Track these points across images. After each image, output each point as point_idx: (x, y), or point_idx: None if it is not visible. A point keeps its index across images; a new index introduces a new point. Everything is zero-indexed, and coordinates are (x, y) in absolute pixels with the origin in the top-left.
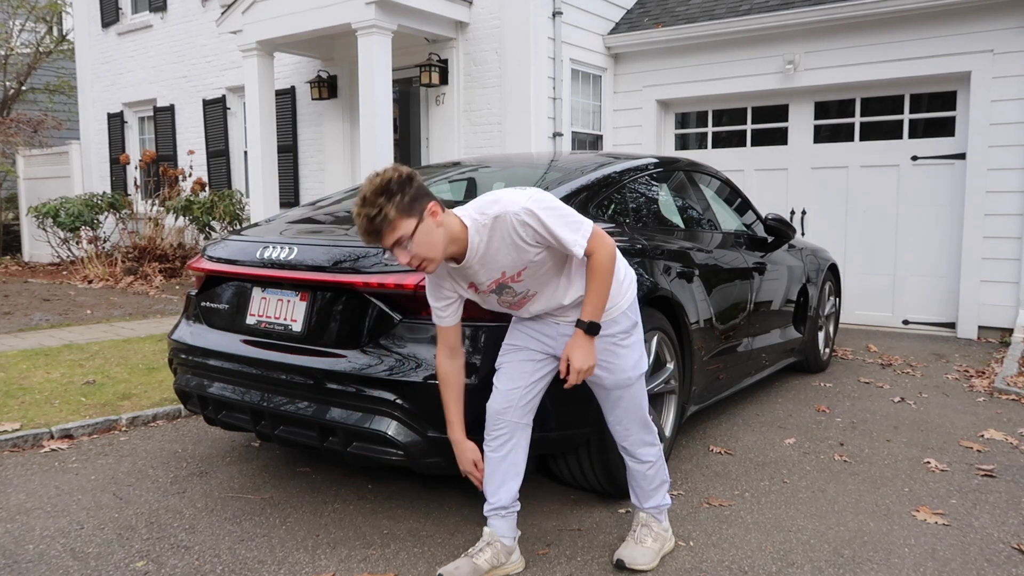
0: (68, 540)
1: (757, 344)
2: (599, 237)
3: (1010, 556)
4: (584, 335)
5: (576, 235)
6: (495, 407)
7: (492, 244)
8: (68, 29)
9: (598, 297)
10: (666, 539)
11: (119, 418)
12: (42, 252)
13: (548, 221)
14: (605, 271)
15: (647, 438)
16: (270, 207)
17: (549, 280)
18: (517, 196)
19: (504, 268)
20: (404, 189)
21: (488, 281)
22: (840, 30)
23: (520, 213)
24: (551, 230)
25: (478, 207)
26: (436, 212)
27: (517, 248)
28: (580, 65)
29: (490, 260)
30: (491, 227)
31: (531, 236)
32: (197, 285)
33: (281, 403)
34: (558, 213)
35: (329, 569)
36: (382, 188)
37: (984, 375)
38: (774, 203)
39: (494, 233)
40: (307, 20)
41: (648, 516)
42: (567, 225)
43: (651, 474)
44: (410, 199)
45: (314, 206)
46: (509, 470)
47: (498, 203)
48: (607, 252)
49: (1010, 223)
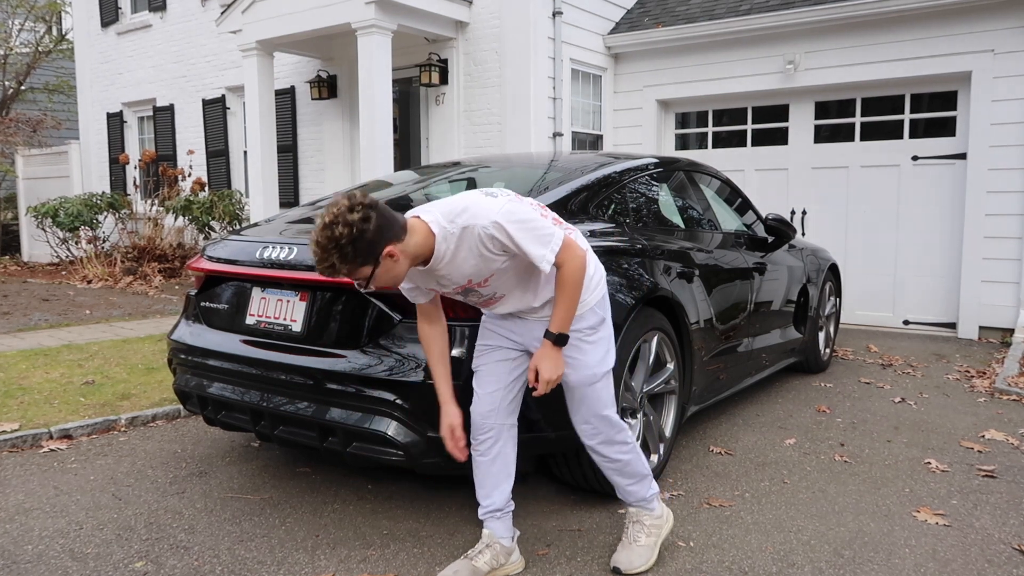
0: (67, 540)
1: (757, 344)
2: (568, 248)
3: (1011, 557)
4: (552, 346)
5: (544, 250)
6: (479, 411)
7: (459, 253)
8: (67, 29)
9: (566, 309)
10: (661, 527)
11: (118, 418)
12: (41, 252)
13: (517, 236)
14: (574, 283)
15: (616, 436)
16: (270, 207)
17: (516, 284)
18: (487, 207)
19: (470, 276)
20: (355, 245)
21: (453, 286)
22: (840, 30)
23: (489, 227)
24: (519, 245)
25: (447, 213)
26: (394, 254)
27: (484, 258)
28: (580, 65)
29: (456, 268)
30: (459, 236)
31: (498, 247)
32: (197, 285)
33: (281, 403)
34: (528, 227)
35: (329, 569)
36: (330, 243)
37: (985, 375)
38: (774, 203)
39: (462, 243)
40: (307, 20)
41: (638, 510)
42: (536, 239)
43: (628, 471)
44: (363, 253)
45: (314, 206)
46: (500, 472)
47: (467, 212)
48: (576, 264)
49: (1011, 223)
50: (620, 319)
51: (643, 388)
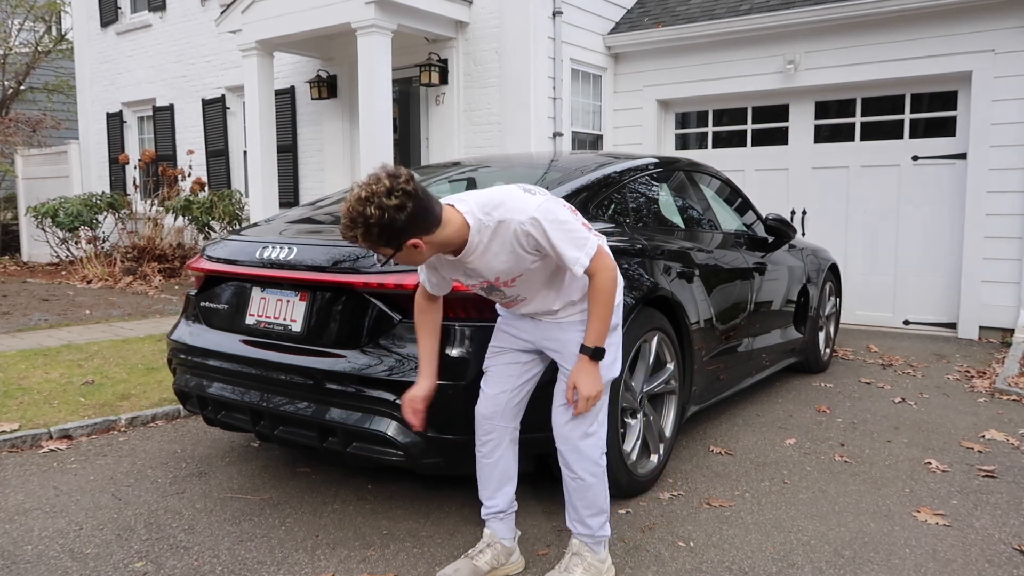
0: (67, 541)
1: (757, 344)
2: (602, 257)
3: (1011, 557)
4: (589, 360)
5: (579, 253)
6: (483, 412)
7: (492, 247)
8: (67, 28)
9: (601, 321)
10: (601, 571)
11: (118, 418)
12: (41, 252)
13: (553, 235)
14: (608, 295)
15: (590, 452)
16: (269, 207)
17: (541, 288)
18: (525, 202)
19: (499, 273)
20: (382, 229)
21: (480, 280)
22: (840, 30)
23: (526, 223)
24: (554, 244)
25: (483, 206)
26: (418, 245)
27: (516, 255)
28: (580, 65)
29: (486, 262)
30: (494, 230)
31: (532, 245)
32: (196, 285)
33: (281, 403)
34: (564, 228)
35: (328, 569)
36: (359, 218)
37: (985, 375)
38: (774, 203)
39: (496, 236)
40: (306, 20)
41: (581, 544)
42: (572, 241)
43: (589, 497)
44: (388, 237)
45: (314, 206)
46: (503, 475)
47: (504, 206)
48: (609, 275)
49: (1011, 223)
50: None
51: (643, 388)
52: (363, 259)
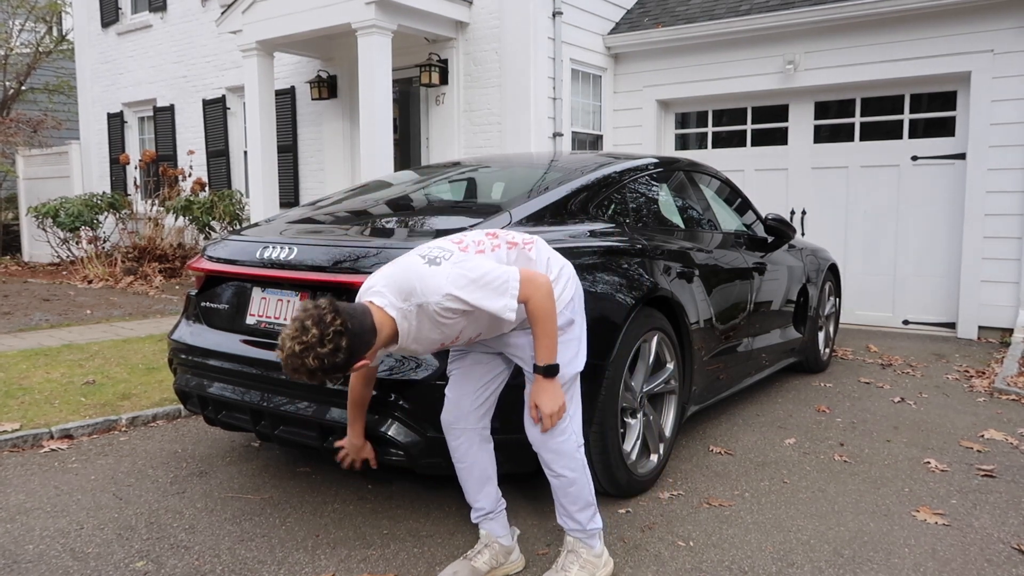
0: (68, 540)
1: (757, 344)
2: (529, 282)
3: (1010, 556)
4: (545, 378)
5: (504, 299)
6: (447, 419)
7: (422, 326)
8: (68, 29)
9: (547, 338)
10: (597, 567)
11: (119, 418)
12: (42, 252)
13: (473, 299)
14: (546, 313)
15: (565, 447)
16: (270, 207)
17: (487, 325)
18: (435, 280)
19: (440, 340)
20: (325, 371)
21: (426, 351)
22: (840, 30)
23: (443, 302)
24: (478, 307)
25: (398, 294)
26: (365, 361)
27: (446, 325)
28: (580, 65)
29: (423, 337)
30: (416, 313)
31: (458, 313)
32: (197, 285)
33: (281, 403)
34: (480, 284)
35: (329, 569)
36: (300, 366)
37: (984, 375)
38: (774, 203)
39: (422, 318)
40: (307, 20)
41: (575, 540)
42: (492, 293)
43: (572, 492)
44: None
45: (314, 206)
46: (481, 476)
47: (416, 291)
48: (541, 293)
49: (1010, 223)
50: (620, 319)
51: (643, 388)
52: (363, 259)
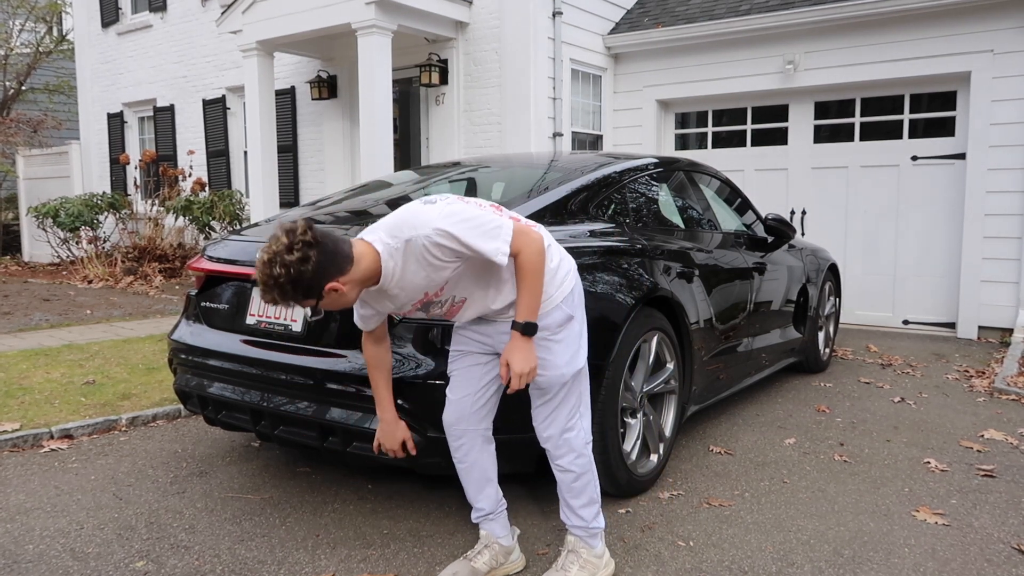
0: (68, 540)
1: (757, 344)
2: (523, 234)
3: (1010, 556)
4: (521, 336)
5: (496, 242)
6: (448, 420)
7: (408, 267)
8: (68, 29)
9: (531, 295)
10: (598, 567)
11: (119, 418)
12: (42, 252)
13: (464, 236)
14: (534, 268)
15: (573, 443)
16: (270, 207)
17: (476, 287)
18: (427, 215)
19: (424, 288)
20: (294, 285)
21: (410, 303)
22: (840, 30)
23: (432, 235)
24: (468, 244)
25: (389, 229)
26: (338, 288)
27: (433, 267)
28: (580, 65)
29: (408, 282)
30: (404, 251)
31: (448, 254)
32: (197, 285)
33: (281, 403)
34: (473, 224)
35: (329, 569)
36: (269, 280)
37: (984, 375)
38: (774, 203)
39: (408, 256)
40: (307, 20)
41: (576, 540)
42: (485, 234)
43: (577, 487)
44: (303, 291)
45: (314, 206)
46: (481, 478)
47: (406, 224)
48: (533, 248)
49: (1010, 223)
50: (620, 319)
51: (643, 388)
52: None
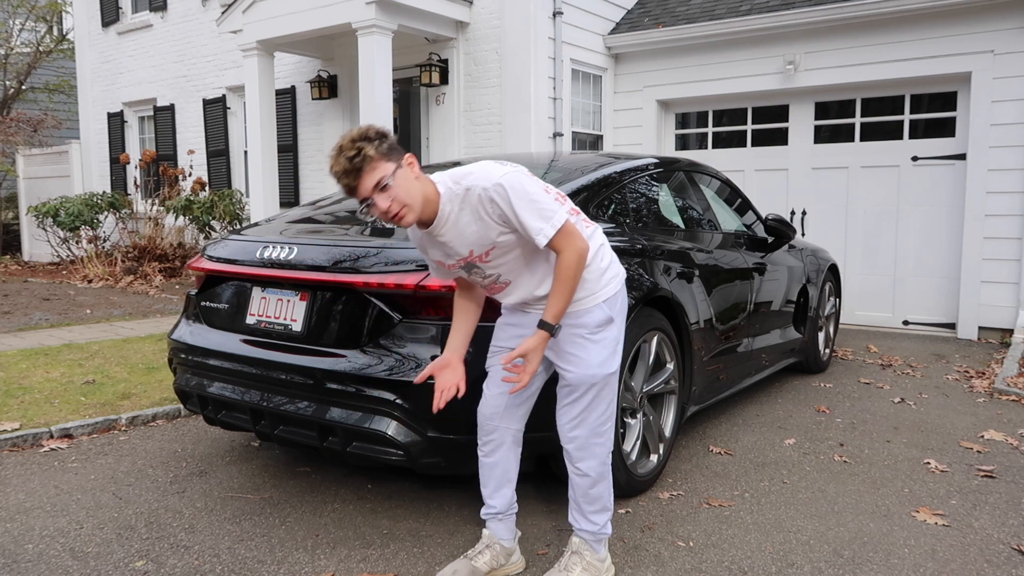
0: (67, 540)
1: (757, 344)
2: (571, 236)
3: (1010, 557)
4: (541, 334)
5: (542, 223)
6: (484, 412)
7: (462, 216)
8: (68, 28)
9: (560, 299)
10: (600, 571)
11: (119, 418)
12: (42, 251)
13: (516, 203)
14: (571, 273)
15: (597, 450)
16: (270, 207)
17: (522, 270)
18: (493, 171)
19: (471, 245)
20: (382, 138)
21: (456, 257)
22: (840, 30)
23: (490, 189)
24: (516, 213)
25: (453, 176)
26: (413, 163)
27: (484, 224)
28: (580, 65)
29: (459, 233)
30: (463, 197)
31: (497, 215)
32: (197, 285)
33: (281, 403)
34: (529, 198)
35: (329, 569)
36: (360, 135)
37: (984, 376)
38: (774, 203)
39: (465, 205)
40: (307, 20)
41: (581, 542)
42: (536, 212)
43: (593, 493)
44: (388, 147)
45: (314, 206)
46: (502, 477)
47: (472, 175)
48: (576, 253)
49: (1010, 224)
50: None
51: (643, 388)
52: (363, 259)
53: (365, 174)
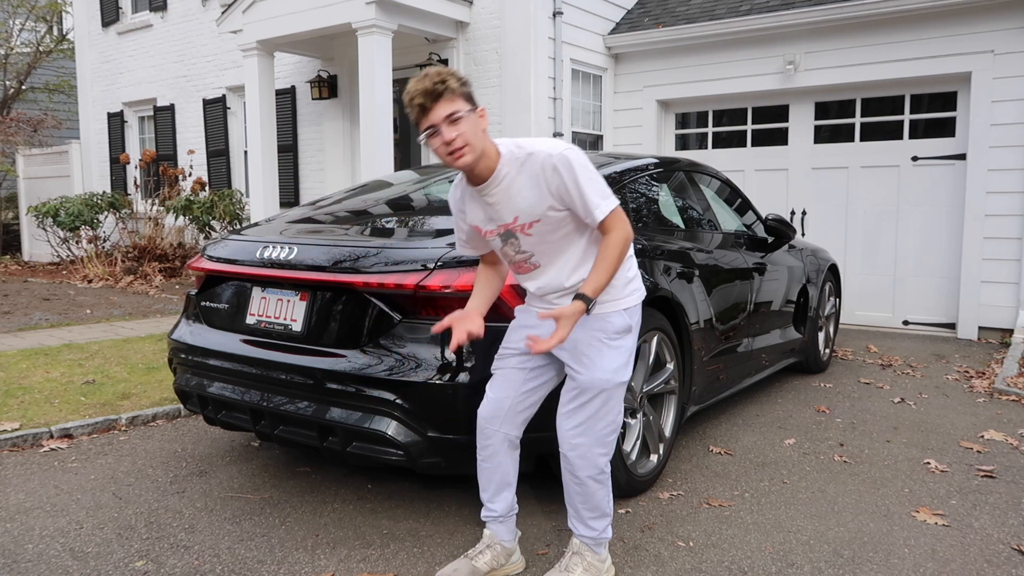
0: (67, 540)
1: (757, 344)
2: (622, 218)
3: (1010, 557)
4: (577, 305)
5: (600, 200)
6: (483, 415)
7: (519, 179)
8: (68, 28)
9: (601, 274)
10: (600, 571)
11: (119, 418)
12: (42, 251)
13: (580, 175)
14: (617, 252)
15: (599, 460)
16: (270, 207)
17: (555, 255)
18: (559, 144)
19: (518, 212)
20: (466, 84)
21: (499, 222)
22: (840, 30)
23: (555, 157)
24: (579, 184)
25: (516, 141)
26: (484, 116)
27: (539, 192)
28: (580, 65)
29: (510, 197)
30: (524, 161)
31: (556, 185)
32: (197, 285)
33: (281, 403)
34: (591, 175)
35: (328, 569)
36: (450, 72)
37: (984, 376)
38: (774, 203)
39: (524, 168)
40: (307, 20)
41: (582, 543)
42: (596, 188)
43: (592, 501)
44: (469, 92)
45: (314, 206)
46: (501, 481)
47: (538, 142)
48: (625, 234)
49: (1010, 224)
50: None
51: (643, 388)
52: (363, 259)
53: (443, 101)
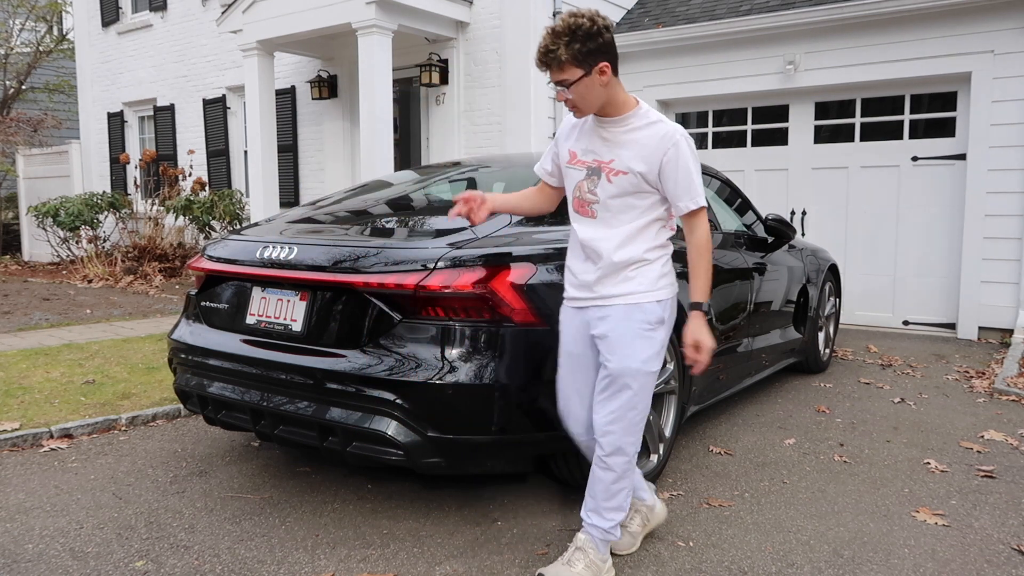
0: (67, 539)
1: (757, 344)
2: (705, 219)
3: (1010, 557)
4: (702, 315)
5: (694, 193)
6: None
7: (640, 133)
8: (68, 28)
9: (702, 277)
10: (601, 570)
11: (119, 418)
12: (42, 251)
13: (690, 162)
14: (705, 250)
15: (629, 448)
16: (270, 207)
17: (617, 215)
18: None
19: (618, 155)
20: (587, 40)
21: (596, 156)
22: (840, 30)
23: (680, 134)
24: (688, 169)
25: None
26: (606, 72)
27: (647, 152)
28: None
29: (622, 142)
30: (652, 123)
31: (662, 156)
32: (197, 285)
33: (281, 403)
34: (698, 167)
35: (328, 569)
36: (568, 30)
37: (984, 376)
38: (774, 203)
39: (651, 128)
40: (307, 20)
41: (588, 539)
42: (695, 181)
43: (615, 488)
44: (587, 51)
45: (314, 206)
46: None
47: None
48: (706, 233)
49: (1010, 224)
50: None
51: None
52: (363, 259)
53: (553, 70)
